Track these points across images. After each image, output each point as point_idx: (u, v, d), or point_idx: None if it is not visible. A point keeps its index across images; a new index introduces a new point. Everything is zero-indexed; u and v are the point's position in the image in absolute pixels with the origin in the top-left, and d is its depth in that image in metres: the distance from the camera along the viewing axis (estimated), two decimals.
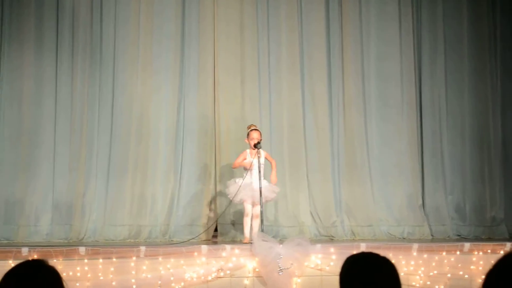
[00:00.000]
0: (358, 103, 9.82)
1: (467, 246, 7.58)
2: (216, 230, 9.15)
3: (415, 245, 7.52)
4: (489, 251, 7.56)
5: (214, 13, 9.60)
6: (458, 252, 7.54)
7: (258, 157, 7.80)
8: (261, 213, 7.66)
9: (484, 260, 7.42)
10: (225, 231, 9.12)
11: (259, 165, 7.75)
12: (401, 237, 9.41)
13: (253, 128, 8.10)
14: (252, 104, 9.57)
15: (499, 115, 10.13)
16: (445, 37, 10.14)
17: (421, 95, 10.04)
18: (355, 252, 2.88)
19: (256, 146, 7.87)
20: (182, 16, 9.57)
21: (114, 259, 6.89)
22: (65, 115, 9.12)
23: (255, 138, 7.95)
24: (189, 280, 6.93)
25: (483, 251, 7.56)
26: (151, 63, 9.40)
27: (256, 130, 8.08)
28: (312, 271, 7.19)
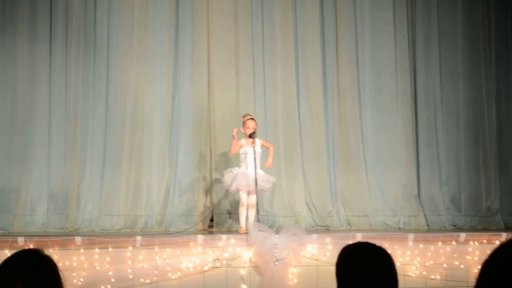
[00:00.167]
0: (353, 93, 9.81)
1: (463, 236, 7.59)
2: (212, 220, 9.15)
3: (411, 235, 7.53)
4: (485, 241, 7.57)
5: (208, 4, 9.56)
6: (454, 242, 7.55)
7: (254, 146, 7.80)
8: (257, 203, 7.67)
9: (480, 250, 7.44)
10: (221, 221, 9.13)
11: (255, 154, 7.74)
12: (397, 227, 9.42)
13: (249, 118, 8.08)
14: (247, 94, 9.55)
15: (494, 105, 10.15)
16: (440, 27, 10.14)
17: (416, 85, 10.04)
18: (351, 242, 2.88)
19: (251, 136, 7.86)
20: (176, 7, 9.54)
21: (110, 249, 6.90)
22: (60, 106, 9.11)
23: (251, 127, 7.93)
24: (185, 270, 6.94)
25: (479, 241, 7.57)
26: (145, 54, 9.38)
27: (252, 120, 8.05)
28: (308, 261, 7.20)
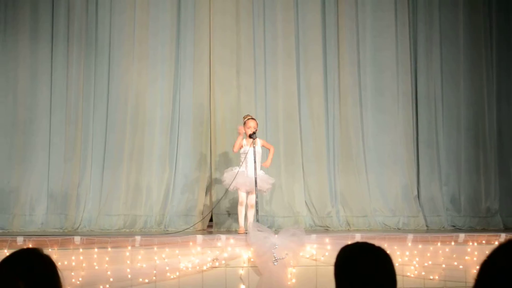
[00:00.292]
0: (354, 94, 9.80)
1: (462, 237, 7.58)
2: (211, 220, 9.15)
3: (410, 236, 7.52)
4: (484, 242, 7.56)
5: (210, 4, 9.57)
6: (453, 243, 7.53)
7: (254, 146, 7.80)
8: (257, 203, 7.66)
9: (479, 251, 7.42)
10: (220, 221, 9.12)
11: (255, 154, 7.74)
12: (396, 228, 9.42)
13: (250, 117, 8.07)
14: (248, 95, 9.55)
15: (495, 106, 10.14)
16: (441, 28, 10.14)
17: (417, 86, 10.04)
18: (350, 242, 2.88)
19: (252, 136, 7.85)
20: (178, 7, 9.55)
21: (109, 249, 6.89)
22: (61, 106, 9.11)
23: (252, 127, 7.91)
24: (184, 270, 6.93)
25: (478, 242, 7.56)
26: (147, 54, 9.38)
27: (253, 119, 8.04)
28: (307, 261, 7.19)
